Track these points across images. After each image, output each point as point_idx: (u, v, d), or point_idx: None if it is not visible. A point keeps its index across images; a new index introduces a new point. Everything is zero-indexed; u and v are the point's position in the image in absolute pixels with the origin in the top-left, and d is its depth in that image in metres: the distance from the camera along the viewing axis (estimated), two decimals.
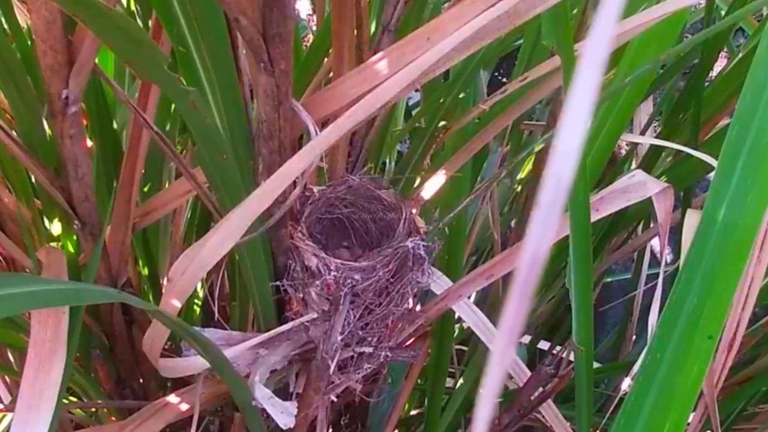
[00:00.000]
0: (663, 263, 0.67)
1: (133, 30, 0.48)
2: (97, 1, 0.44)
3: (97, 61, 0.59)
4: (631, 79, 0.70)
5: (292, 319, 0.71)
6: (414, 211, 0.79)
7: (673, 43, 0.73)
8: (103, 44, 0.56)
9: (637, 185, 0.71)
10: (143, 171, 0.77)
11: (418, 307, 0.82)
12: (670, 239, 0.73)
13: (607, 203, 0.72)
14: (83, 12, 0.46)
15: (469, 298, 0.80)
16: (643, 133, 1.30)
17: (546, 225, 0.14)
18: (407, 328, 0.76)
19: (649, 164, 1.09)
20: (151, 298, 0.98)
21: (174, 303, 0.60)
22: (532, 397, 0.82)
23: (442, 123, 0.96)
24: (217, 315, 0.86)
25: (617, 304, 1.61)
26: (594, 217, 0.70)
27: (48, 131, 0.68)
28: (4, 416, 1.05)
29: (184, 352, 0.73)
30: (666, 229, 0.69)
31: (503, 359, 0.14)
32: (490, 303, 1.21)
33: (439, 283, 0.80)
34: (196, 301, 1.17)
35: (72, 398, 0.99)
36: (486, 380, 0.15)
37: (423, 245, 0.72)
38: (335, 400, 0.78)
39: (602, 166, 0.85)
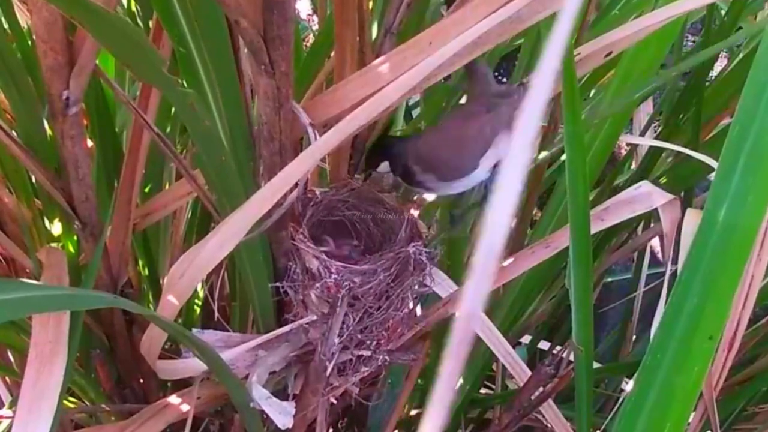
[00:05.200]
0: (668, 271, 0.67)
1: (130, 32, 0.48)
2: (95, 4, 0.44)
3: (97, 62, 0.59)
4: (631, 83, 0.70)
5: (292, 321, 0.71)
6: (416, 214, 0.79)
7: (672, 43, 0.73)
8: None
9: (643, 196, 0.71)
10: (144, 172, 0.77)
11: (419, 311, 0.81)
12: None
13: (612, 213, 0.72)
14: (81, 14, 0.46)
15: None
16: (643, 133, 1.29)
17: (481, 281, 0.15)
18: (407, 333, 0.76)
19: (649, 164, 1.09)
20: (151, 298, 0.98)
21: (172, 306, 0.60)
22: (532, 397, 0.82)
23: None
24: (217, 315, 0.86)
25: (617, 304, 1.61)
26: (599, 227, 0.70)
27: (48, 132, 0.68)
28: None
29: (183, 353, 0.73)
30: (671, 240, 0.68)
31: None
32: (490, 304, 1.21)
33: (443, 285, 0.79)
34: (196, 301, 1.17)
35: (71, 398, 0.98)
36: None
37: (425, 251, 0.72)
38: (335, 402, 0.78)
39: (601, 166, 0.85)
